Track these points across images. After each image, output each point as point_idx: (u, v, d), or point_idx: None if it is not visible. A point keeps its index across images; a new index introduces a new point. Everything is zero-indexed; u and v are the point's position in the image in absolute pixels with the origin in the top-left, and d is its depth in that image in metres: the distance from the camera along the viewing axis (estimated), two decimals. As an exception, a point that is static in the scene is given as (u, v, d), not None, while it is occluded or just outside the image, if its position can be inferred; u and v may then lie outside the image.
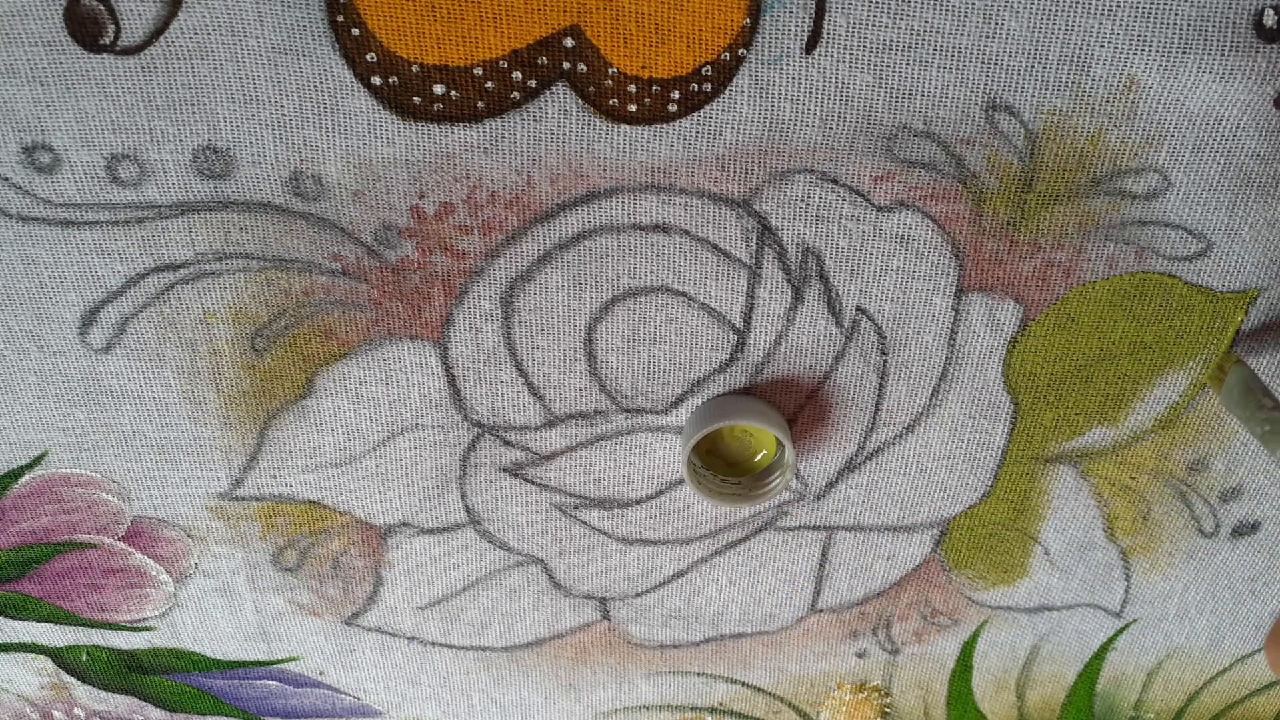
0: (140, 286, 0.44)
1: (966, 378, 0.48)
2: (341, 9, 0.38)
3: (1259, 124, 0.40)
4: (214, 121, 0.40)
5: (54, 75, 0.38)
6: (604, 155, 0.41)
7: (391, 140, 0.40)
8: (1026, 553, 0.54)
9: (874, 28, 0.39)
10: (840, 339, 0.46)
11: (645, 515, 0.52)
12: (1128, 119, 0.41)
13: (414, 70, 0.39)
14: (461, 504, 0.51)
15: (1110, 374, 0.48)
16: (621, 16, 0.38)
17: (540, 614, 0.55)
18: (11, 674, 0.58)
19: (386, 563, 0.53)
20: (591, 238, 0.43)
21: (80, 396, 0.47)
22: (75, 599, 0.54)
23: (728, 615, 0.56)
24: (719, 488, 0.49)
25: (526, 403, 0.48)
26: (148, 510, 0.51)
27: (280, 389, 0.47)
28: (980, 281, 0.45)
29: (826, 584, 0.55)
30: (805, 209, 0.43)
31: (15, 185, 0.41)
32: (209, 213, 0.42)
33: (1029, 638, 0.58)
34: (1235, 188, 0.42)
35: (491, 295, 0.45)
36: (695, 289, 0.45)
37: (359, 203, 0.42)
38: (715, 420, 0.46)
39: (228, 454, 0.49)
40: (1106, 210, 0.43)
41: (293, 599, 0.54)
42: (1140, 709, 0.62)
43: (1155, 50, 0.39)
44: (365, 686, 0.59)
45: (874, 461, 0.50)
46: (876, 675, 0.60)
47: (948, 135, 0.41)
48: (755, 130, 0.41)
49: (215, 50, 0.38)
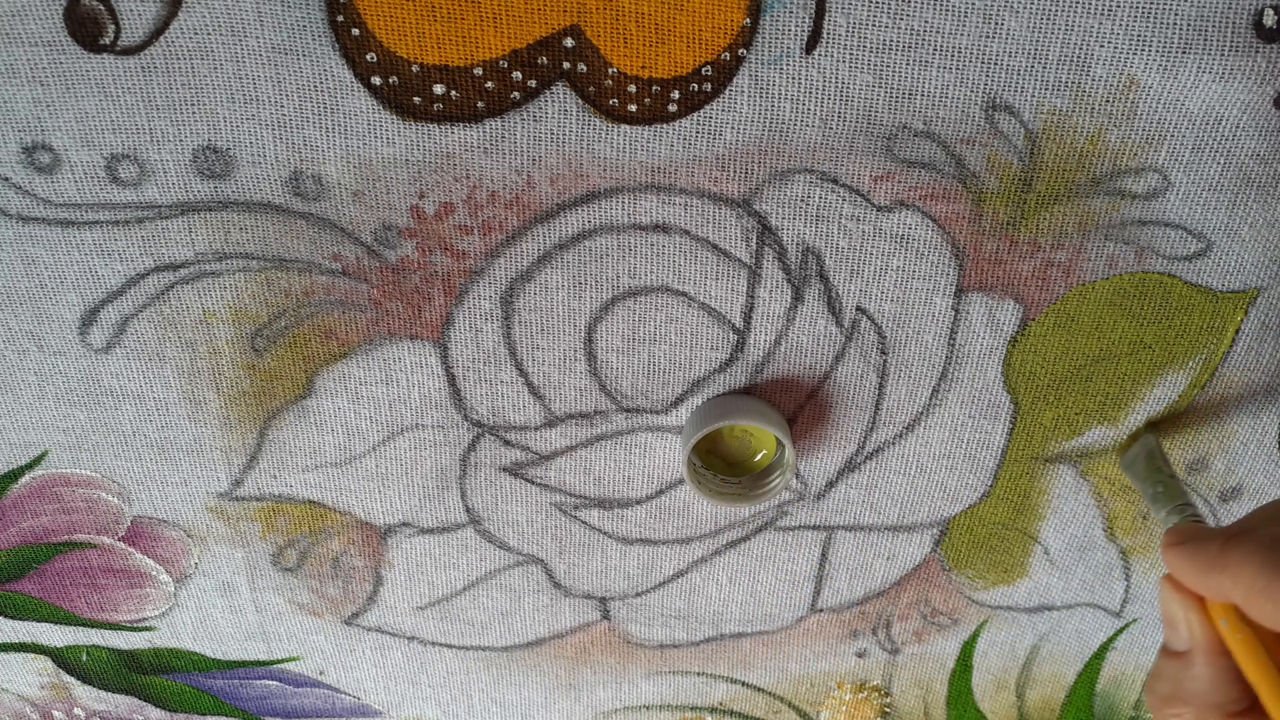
0: (140, 286, 0.44)
1: (966, 377, 0.48)
2: (341, 9, 0.38)
3: (1259, 124, 0.40)
4: (214, 121, 0.40)
5: (54, 75, 0.38)
6: (604, 155, 0.41)
7: (391, 140, 0.40)
8: (1026, 552, 0.54)
9: (874, 28, 0.39)
10: (840, 339, 0.46)
11: (645, 515, 0.52)
12: (1128, 119, 0.41)
13: (414, 70, 0.39)
14: (461, 504, 0.51)
15: (1110, 374, 0.48)
16: (621, 16, 0.38)
17: (540, 614, 0.55)
18: (11, 674, 0.58)
19: (386, 563, 0.53)
20: (591, 238, 0.43)
21: (80, 396, 0.47)
22: (75, 599, 0.54)
23: (728, 615, 0.56)
24: (719, 487, 0.49)
25: (526, 403, 0.48)
26: (148, 510, 0.51)
27: (280, 389, 0.47)
28: (980, 281, 0.45)
29: (826, 584, 0.55)
30: (805, 209, 0.43)
31: (15, 185, 0.41)
32: (209, 213, 0.42)
33: (1029, 638, 0.58)
34: (1235, 188, 0.42)
35: (491, 295, 0.45)
36: (695, 289, 0.45)
37: (359, 203, 0.42)
38: (715, 420, 0.46)
39: (228, 454, 0.49)
40: (1106, 210, 0.43)
41: (293, 599, 0.54)
42: (1140, 709, 0.62)
43: (1155, 50, 0.39)
44: (365, 686, 0.59)
45: (874, 461, 0.50)
46: (876, 675, 0.60)
47: (948, 135, 0.41)
48: (755, 130, 0.41)
49: (215, 50, 0.38)
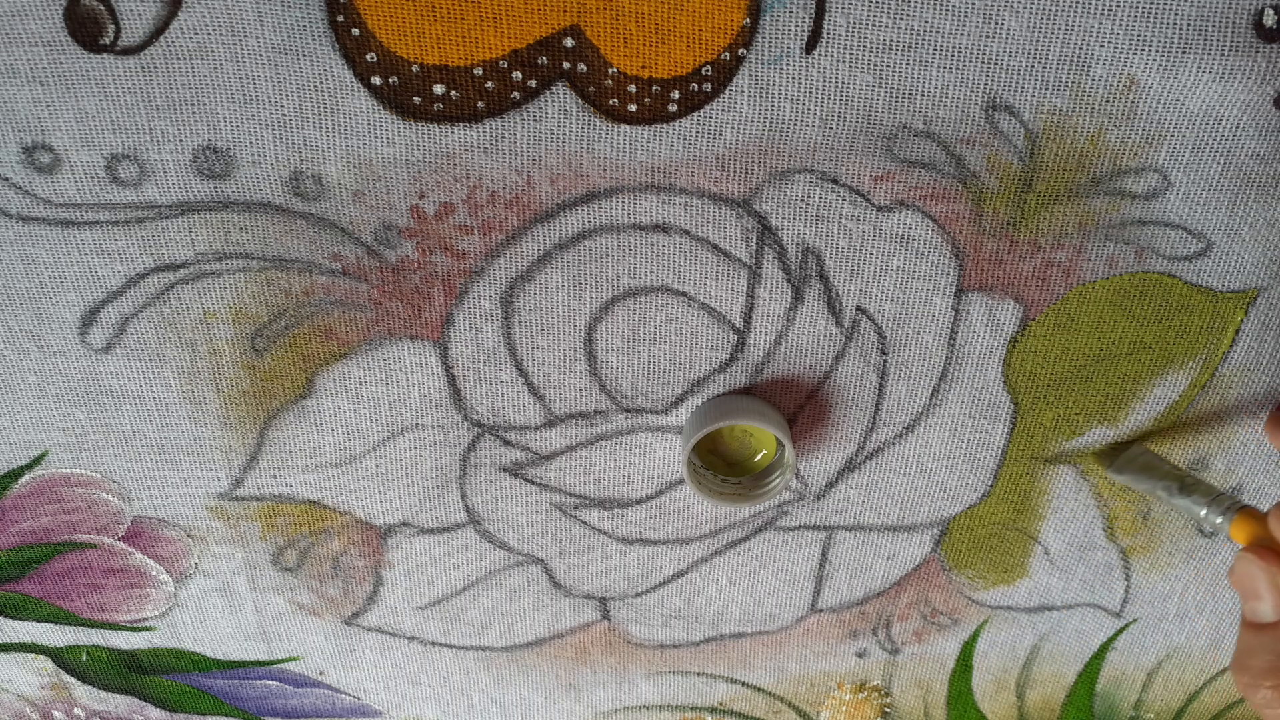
0: (140, 286, 0.44)
1: (966, 378, 0.48)
2: (341, 9, 0.38)
3: (1259, 124, 0.40)
4: (214, 121, 0.40)
5: (54, 75, 0.38)
6: (604, 155, 0.41)
7: (391, 140, 0.40)
8: (1026, 552, 0.54)
9: (874, 28, 0.39)
10: (840, 339, 0.46)
11: (645, 515, 0.52)
12: (1128, 119, 0.40)
13: (414, 70, 0.39)
14: (461, 504, 0.51)
15: (1110, 374, 0.48)
16: (621, 16, 0.38)
17: (540, 614, 0.55)
18: (11, 674, 0.58)
19: (386, 563, 0.53)
20: (591, 238, 0.43)
21: (80, 396, 0.47)
22: (75, 599, 0.54)
23: (728, 615, 0.56)
24: (719, 488, 0.49)
25: (526, 403, 0.48)
26: (148, 510, 0.51)
27: (280, 389, 0.47)
28: (980, 281, 0.45)
29: (826, 584, 0.55)
30: (805, 209, 0.43)
31: (15, 185, 0.41)
32: (209, 213, 0.42)
33: (1029, 637, 0.58)
34: (1235, 188, 0.42)
35: (491, 295, 0.45)
36: (695, 289, 0.45)
37: (359, 203, 0.42)
38: (715, 420, 0.45)
39: (228, 454, 0.49)
40: (1106, 210, 0.43)
41: (293, 599, 0.54)
42: (1140, 709, 0.62)
43: (1155, 50, 0.39)
44: (365, 686, 0.59)
45: (874, 461, 0.50)
46: (876, 675, 0.60)
47: (948, 135, 0.41)
48: (755, 130, 0.41)
49: (215, 50, 0.38)
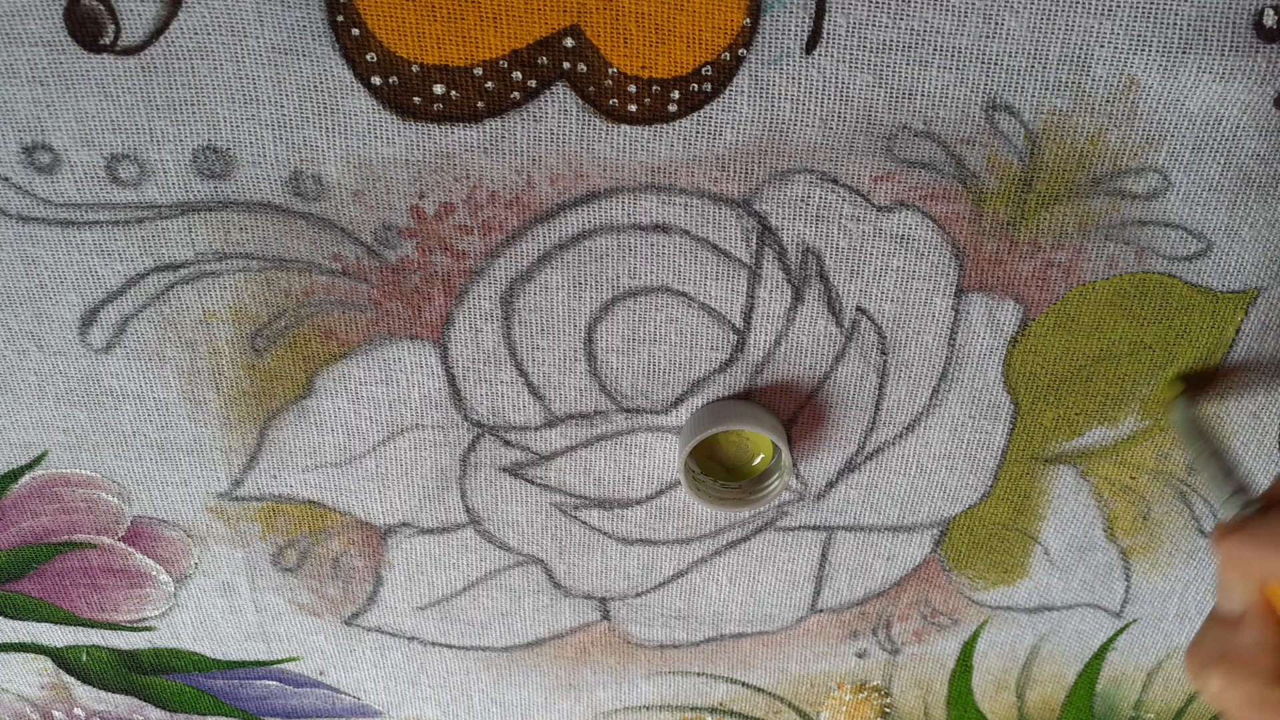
0: (140, 286, 0.44)
1: (966, 378, 0.47)
2: (341, 9, 0.38)
3: (1259, 124, 0.40)
4: (214, 121, 0.40)
5: (54, 75, 0.38)
6: (604, 155, 0.41)
7: (391, 140, 0.40)
8: (1026, 553, 0.54)
9: (874, 28, 0.39)
10: (840, 339, 0.46)
11: (645, 515, 0.52)
12: (1128, 119, 0.40)
13: (414, 70, 0.39)
14: (461, 504, 0.51)
15: (1110, 374, 0.48)
16: (621, 16, 0.38)
17: (540, 614, 0.55)
18: (11, 674, 0.58)
19: (386, 563, 0.53)
20: (591, 238, 0.43)
21: (80, 396, 0.47)
22: (75, 599, 0.54)
23: (728, 615, 0.56)
24: (717, 492, 0.49)
25: (526, 403, 0.48)
26: (148, 510, 0.51)
27: (280, 389, 0.47)
28: (980, 281, 0.45)
29: (826, 584, 0.55)
30: (805, 209, 0.43)
31: (15, 185, 0.41)
32: (209, 213, 0.42)
33: (1029, 638, 0.58)
34: (1235, 188, 0.42)
35: (491, 295, 0.45)
36: (695, 289, 0.45)
37: (359, 203, 0.42)
38: (710, 426, 0.45)
39: (228, 454, 0.49)
40: (1106, 210, 0.43)
41: (293, 599, 0.54)
42: (1140, 709, 0.62)
43: (1155, 50, 0.39)
44: (365, 686, 0.59)
45: (874, 461, 0.50)
46: (876, 675, 0.60)
47: (948, 135, 0.41)
48: (755, 130, 0.41)
49: (215, 50, 0.38)
